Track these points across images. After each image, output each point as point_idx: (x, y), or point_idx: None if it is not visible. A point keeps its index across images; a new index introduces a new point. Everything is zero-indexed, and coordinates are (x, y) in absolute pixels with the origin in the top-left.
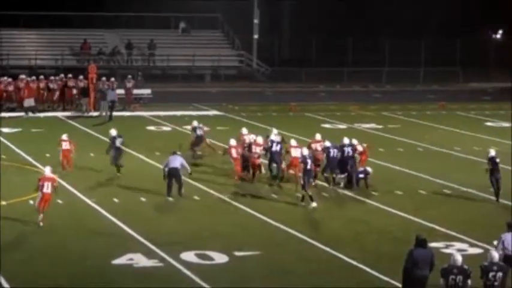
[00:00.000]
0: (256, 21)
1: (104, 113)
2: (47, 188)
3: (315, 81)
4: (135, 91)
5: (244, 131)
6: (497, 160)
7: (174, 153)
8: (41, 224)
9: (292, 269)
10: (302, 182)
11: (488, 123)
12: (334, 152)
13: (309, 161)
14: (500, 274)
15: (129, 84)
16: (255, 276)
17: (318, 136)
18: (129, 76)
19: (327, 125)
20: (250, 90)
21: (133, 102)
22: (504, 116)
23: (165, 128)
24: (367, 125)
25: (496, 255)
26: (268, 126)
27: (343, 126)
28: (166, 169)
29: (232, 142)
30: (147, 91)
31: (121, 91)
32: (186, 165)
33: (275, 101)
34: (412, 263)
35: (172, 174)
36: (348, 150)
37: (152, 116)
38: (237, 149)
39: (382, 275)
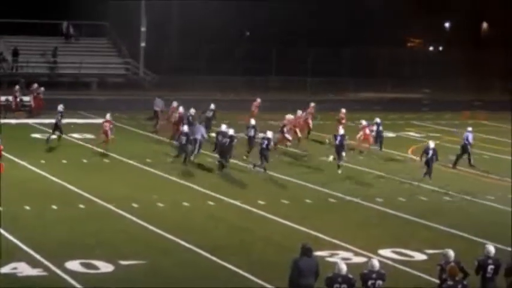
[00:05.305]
0: (143, 29)
1: None
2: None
3: (205, 89)
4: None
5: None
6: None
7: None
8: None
9: (178, 278)
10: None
11: None
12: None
13: None
14: (379, 282)
15: (16, 93)
16: (141, 286)
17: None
18: (17, 86)
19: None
20: (138, 98)
21: (18, 110)
22: (390, 125)
23: (51, 136)
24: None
25: (376, 263)
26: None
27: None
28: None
29: None
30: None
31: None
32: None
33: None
34: (297, 272)
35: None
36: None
37: (37, 123)
38: None
39: (268, 283)
